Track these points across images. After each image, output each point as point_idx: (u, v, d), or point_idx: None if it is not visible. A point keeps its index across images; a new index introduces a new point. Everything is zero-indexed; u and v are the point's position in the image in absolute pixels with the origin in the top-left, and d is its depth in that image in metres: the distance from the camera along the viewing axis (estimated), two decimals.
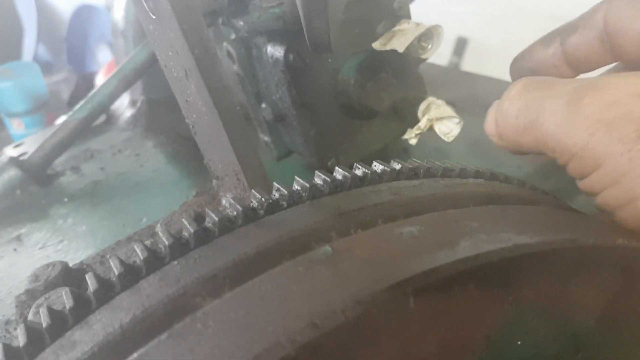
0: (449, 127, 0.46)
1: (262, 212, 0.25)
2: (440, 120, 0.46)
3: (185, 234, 0.24)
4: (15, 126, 1.53)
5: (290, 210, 0.25)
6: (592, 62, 0.40)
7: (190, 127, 0.38)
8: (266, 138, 0.54)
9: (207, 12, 0.47)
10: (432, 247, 0.20)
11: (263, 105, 0.50)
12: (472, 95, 0.67)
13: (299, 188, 0.26)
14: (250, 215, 0.25)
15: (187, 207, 0.42)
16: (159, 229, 0.37)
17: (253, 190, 0.26)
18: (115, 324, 0.20)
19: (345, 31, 0.45)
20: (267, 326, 0.18)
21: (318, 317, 0.18)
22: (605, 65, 0.41)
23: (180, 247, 0.23)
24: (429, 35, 0.43)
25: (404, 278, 0.19)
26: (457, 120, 0.45)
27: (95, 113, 0.61)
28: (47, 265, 0.37)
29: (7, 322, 0.38)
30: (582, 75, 0.39)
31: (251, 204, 0.25)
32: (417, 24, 0.44)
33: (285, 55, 0.44)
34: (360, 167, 0.28)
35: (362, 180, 0.27)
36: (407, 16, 0.47)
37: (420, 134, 0.47)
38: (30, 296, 0.36)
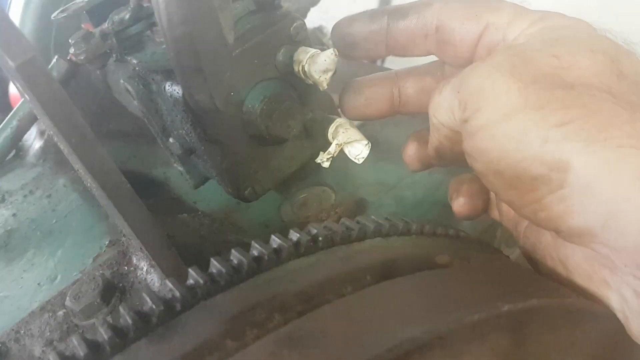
0: (358, 150, 0.46)
1: (155, 319, 0.24)
2: (349, 143, 0.46)
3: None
4: None
5: (184, 316, 0.25)
6: (409, 50, 0.42)
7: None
8: (180, 168, 0.52)
9: (97, 56, 0.44)
10: None
11: (171, 140, 0.49)
12: None
13: (193, 282, 0.26)
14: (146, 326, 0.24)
15: (98, 267, 0.41)
16: (68, 302, 0.36)
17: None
18: None
19: (244, 63, 0.44)
20: None
21: None
22: (418, 56, 0.42)
23: None
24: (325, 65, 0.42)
25: None
26: (365, 142, 0.45)
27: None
28: None
29: None
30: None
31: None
32: (313, 52, 0.43)
33: (184, 95, 0.43)
34: (257, 245, 0.28)
35: (259, 263, 0.27)
36: (307, 42, 0.46)
37: (331, 157, 0.47)
38: None
